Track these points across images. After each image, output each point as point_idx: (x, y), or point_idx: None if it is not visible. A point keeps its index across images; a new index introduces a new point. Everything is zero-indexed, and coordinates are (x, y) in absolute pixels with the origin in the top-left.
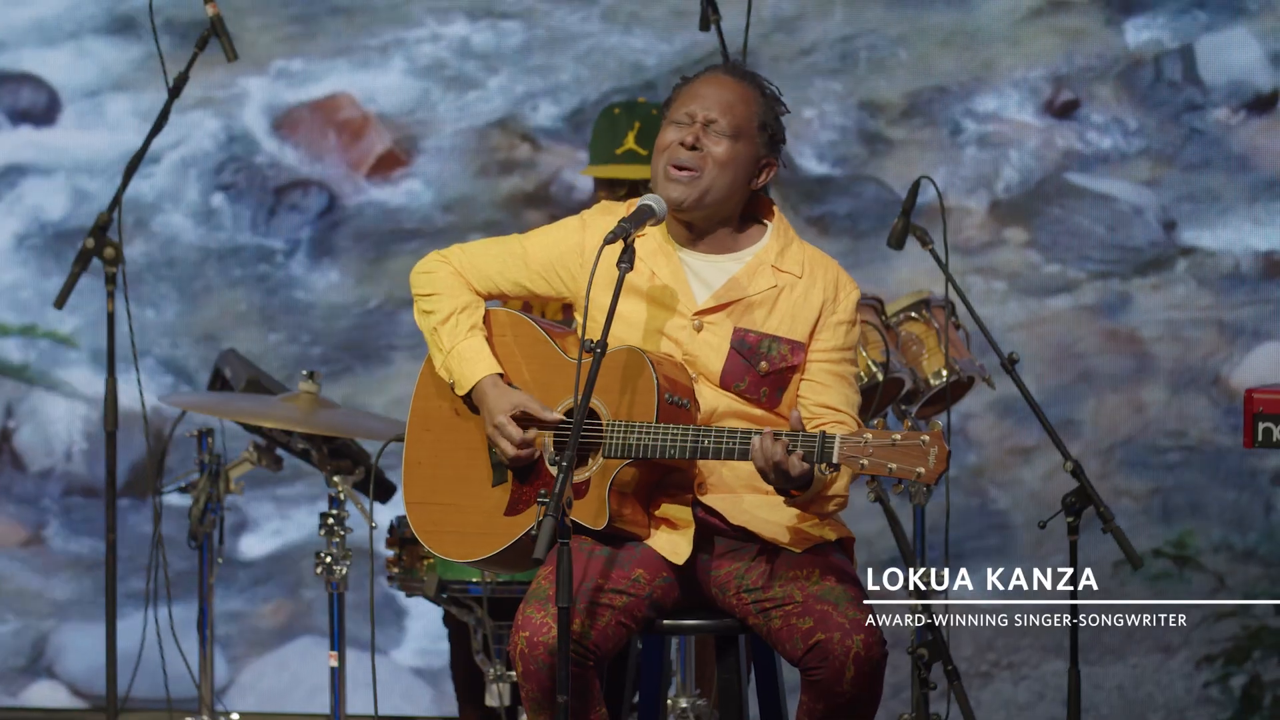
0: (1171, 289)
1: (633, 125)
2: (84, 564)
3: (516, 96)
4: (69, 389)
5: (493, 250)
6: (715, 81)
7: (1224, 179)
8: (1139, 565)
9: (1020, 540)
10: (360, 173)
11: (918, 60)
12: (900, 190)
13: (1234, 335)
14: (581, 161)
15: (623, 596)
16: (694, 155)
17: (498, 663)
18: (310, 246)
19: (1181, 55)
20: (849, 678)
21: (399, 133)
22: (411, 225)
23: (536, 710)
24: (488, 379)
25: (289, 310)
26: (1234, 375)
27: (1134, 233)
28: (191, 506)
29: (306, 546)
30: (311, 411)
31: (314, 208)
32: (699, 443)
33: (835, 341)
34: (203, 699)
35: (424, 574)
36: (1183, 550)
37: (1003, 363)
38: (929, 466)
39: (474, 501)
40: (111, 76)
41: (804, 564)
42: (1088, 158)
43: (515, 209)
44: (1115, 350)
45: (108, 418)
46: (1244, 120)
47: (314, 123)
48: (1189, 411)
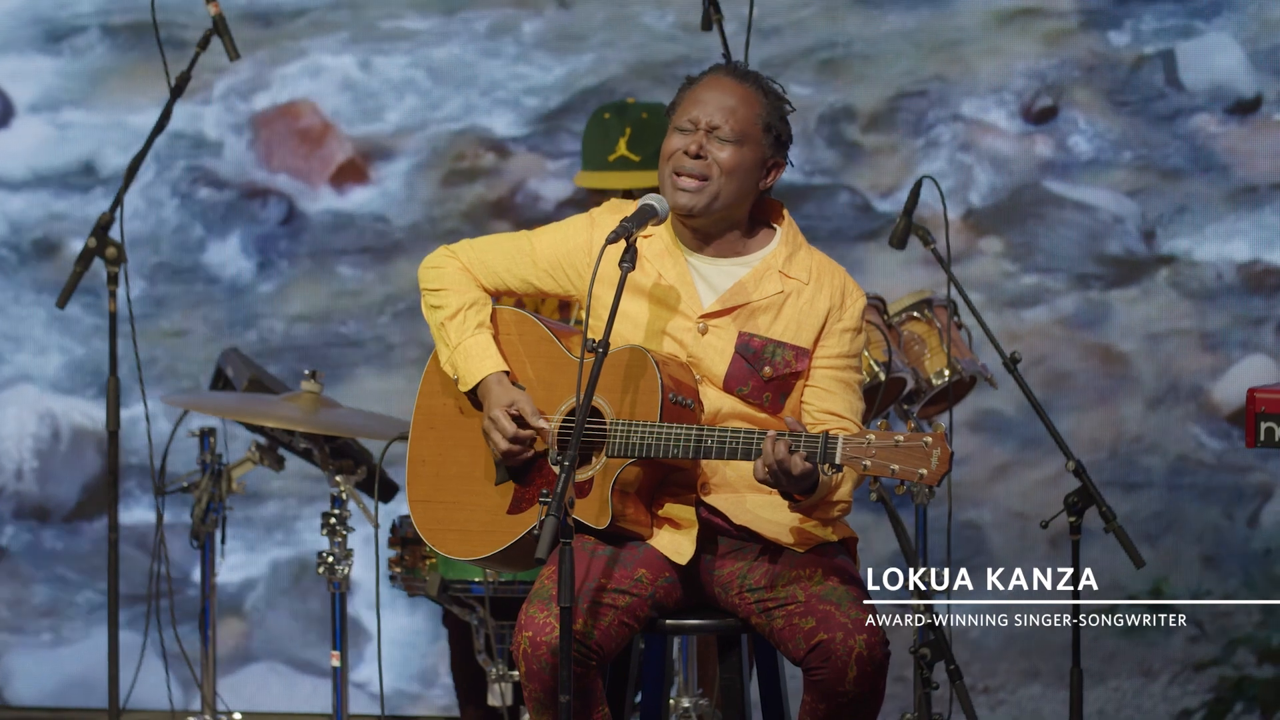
0: (1152, 300)
1: (624, 130)
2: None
3: (481, 103)
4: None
5: (501, 246)
6: (717, 85)
7: (1206, 186)
8: (1141, 564)
9: (1000, 559)
10: (320, 181)
11: (891, 65)
12: (873, 198)
13: (1216, 348)
14: (548, 170)
15: (625, 596)
16: (699, 164)
17: (500, 662)
18: (269, 256)
19: (1162, 59)
20: (851, 678)
21: (361, 141)
22: (372, 235)
23: (539, 710)
24: (493, 376)
25: (245, 322)
26: (1216, 390)
27: (1113, 242)
28: (194, 506)
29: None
30: (314, 411)
31: (273, 217)
32: (703, 442)
33: (840, 348)
34: (204, 699)
35: (426, 573)
36: (1158, 596)
37: (1005, 362)
38: (931, 468)
39: (477, 500)
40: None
41: (807, 564)
42: (1066, 165)
43: (479, 219)
44: (1093, 364)
45: (110, 416)
46: (1226, 126)
47: (274, 130)
48: (1170, 428)
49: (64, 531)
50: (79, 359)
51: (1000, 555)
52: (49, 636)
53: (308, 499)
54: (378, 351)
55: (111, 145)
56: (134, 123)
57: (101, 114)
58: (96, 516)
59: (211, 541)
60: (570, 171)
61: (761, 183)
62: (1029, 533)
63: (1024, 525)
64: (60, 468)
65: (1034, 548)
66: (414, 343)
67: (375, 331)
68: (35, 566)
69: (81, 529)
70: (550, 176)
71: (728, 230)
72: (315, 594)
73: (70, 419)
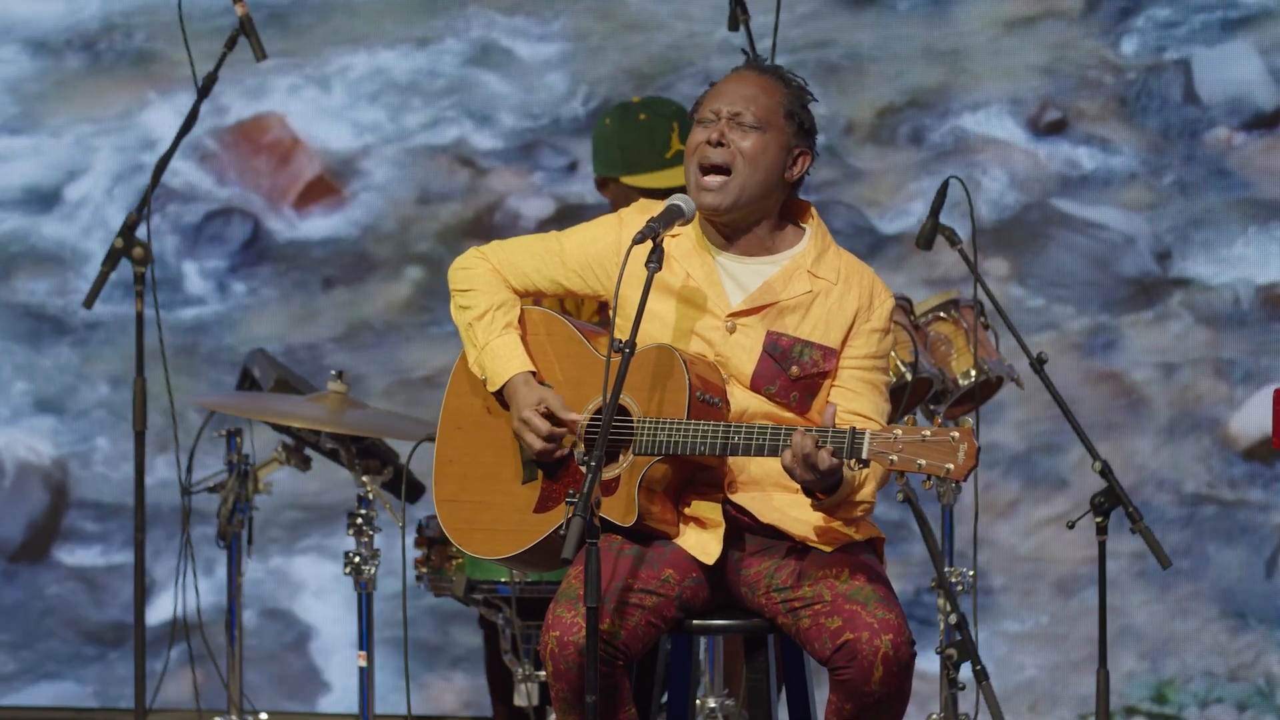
0: (1165, 326)
1: (671, 126)
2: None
3: (458, 119)
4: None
5: (531, 247)
6: (736, 78)
7: (1223, 205)
8: (1168, 565)
9: (1001, 606)
10: (287, 200)
11: (892, 75)
12: (871, 216)
13: (1234, 377)
14: (527, 187)
15: (652, 596)
16: (722, 151)
17: (526, 662)
18: (232, 279)
19: (1178, 70)
20: (877, 678)
21: (331, 157)
22: (342, 256)
23: (566, 710)
24: (519, 376)
25: (208, 348)
26: (1234, 422)
27: (1125, 264)
28: (220, 507)
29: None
30: (340, 411)
31: (237, 237)
32: (729, 439)
33: (868, 349)
34: (231, 698)
35: (453, 574)
36: (1163, 704)
37: (1031, 362)
38: (958, 463)
39: (504, 499)
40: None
41: (833, 563)
42: (1075, 181)
43: (454, 240)
44: (1103, 393)
45: (136, 417)
46: (1245, 140)
47: (239, 145)
48: (1184, 463)
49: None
50: (20, 392)
51: (999, 604)
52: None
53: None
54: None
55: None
56: (102, 138)
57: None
58: (39, 560)
59: (238, 541)
60: (549, 187)
61: (787, 172)
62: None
63: (1024, 572)
64: (3, 504)
65: (1028, 594)
66: (385, 371)
67: (338, 361)
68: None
69: (19, 575)
70: (531, 194)
71: (755, 225)
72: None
73: (14, 453)
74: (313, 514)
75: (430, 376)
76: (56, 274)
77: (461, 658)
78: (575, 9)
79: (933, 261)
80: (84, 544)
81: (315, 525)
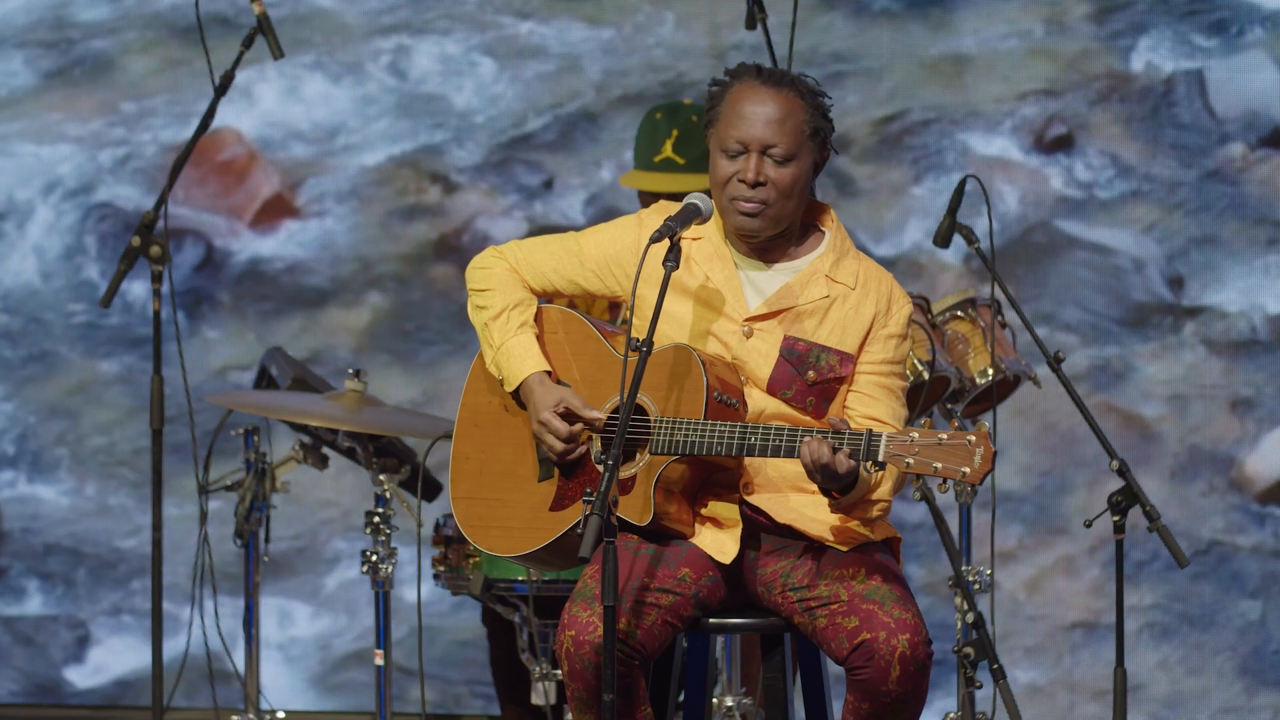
0: (1177, 357)
1: (670, 132)
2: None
3: (426, 133)
4: None
5: (550, 247)
6: (756, 99)
7: (1238, 226)
8: (1185, 564)
9: (1006, 658)
10: (243, 220)
11: (891, 88)
12: (866, 234)
13: (1249, 413)
14: (495, 206)
15: (669, 595)
16: (761, 191)
17: (543, 661)
18: (183, 304)
19: (1190, 82)
20: (894, 677)
21: (289, 174)
22: (301, 279)
23: (582, 709)
24: (534, 376)
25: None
26: (1249, 462)
27: (1134, 289)
28: (238, 505)
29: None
30: (357, 409)
31: (188, 260)
32: (746, 440)
33: (885, 354)
34: (248, 697)
35: (470, 572)
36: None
37: (1049, 361)
38: (974, 466)
39: (520, 496)
40: None
41: (850, 563)
42: (1081, 201)
43: (421, 262)
44: (1110, 429)
45: (154, 415)
46: (1261, 157)
47: (191, 162)
48: (1197, 504)
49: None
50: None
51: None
52: None
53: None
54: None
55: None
56: (51, 151)
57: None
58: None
59: (255, 540)
60: (521, 207)
61: (812, 184)
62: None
63: (1031, 626)
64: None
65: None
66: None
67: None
68: None
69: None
70: (500, 215)
71: (780, 236)
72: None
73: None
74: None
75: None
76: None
77: (476, 658)
78: (553, 20)
79: (926, 285)
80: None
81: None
